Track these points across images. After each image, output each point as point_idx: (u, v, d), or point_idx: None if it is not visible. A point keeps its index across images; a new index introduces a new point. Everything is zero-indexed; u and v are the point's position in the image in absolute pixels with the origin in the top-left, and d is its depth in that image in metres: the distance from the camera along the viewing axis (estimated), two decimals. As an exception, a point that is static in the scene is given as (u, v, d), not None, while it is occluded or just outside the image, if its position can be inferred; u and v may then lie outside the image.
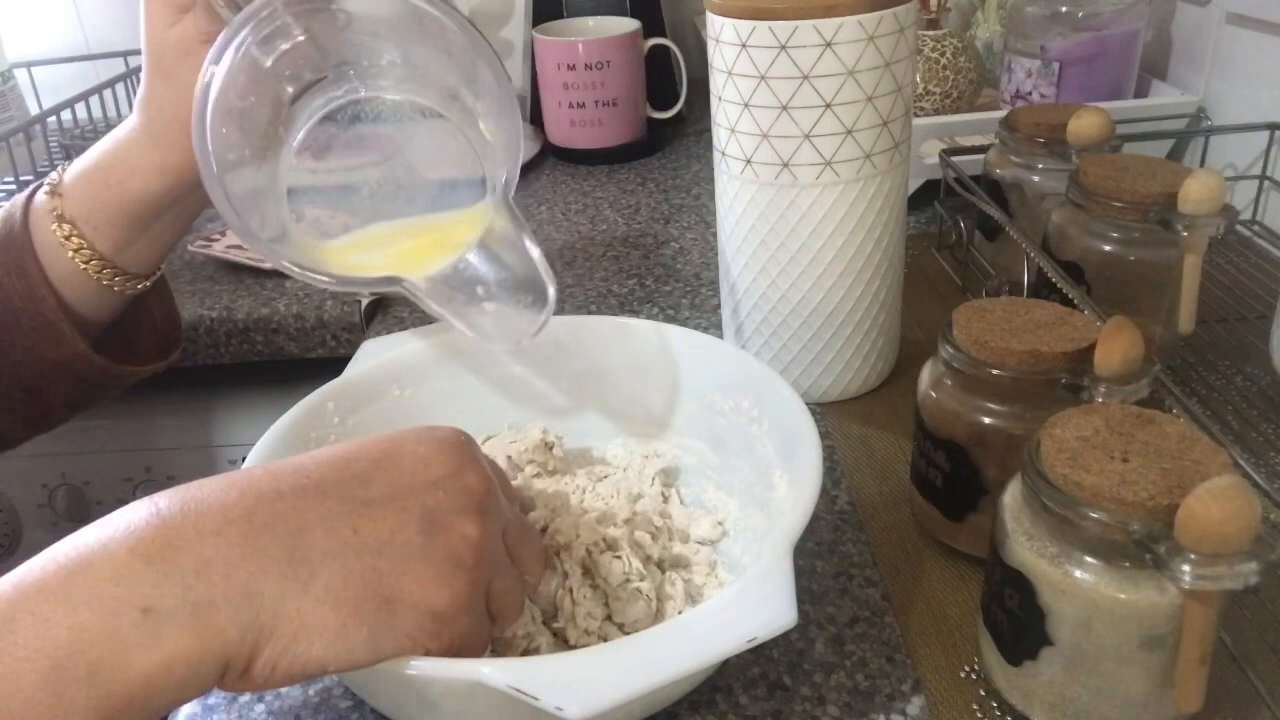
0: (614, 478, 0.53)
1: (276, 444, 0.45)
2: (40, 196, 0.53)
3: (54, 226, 0.52)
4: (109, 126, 0.96)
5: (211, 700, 0.45)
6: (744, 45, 0.54)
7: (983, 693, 0.43)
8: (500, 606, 0.37)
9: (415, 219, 0.47)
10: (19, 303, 0.52)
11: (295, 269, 0.43)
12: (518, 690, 0.31)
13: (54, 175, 0.54)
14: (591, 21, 1.09)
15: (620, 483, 0.52)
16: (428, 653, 0.33)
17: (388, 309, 0.80)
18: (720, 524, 0.50)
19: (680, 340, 0.54)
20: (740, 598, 0.35)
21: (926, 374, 0.49)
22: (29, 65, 1.23)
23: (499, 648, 0.41)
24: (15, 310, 0.52)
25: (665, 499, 0.52)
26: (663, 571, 0.47)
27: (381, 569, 0.32)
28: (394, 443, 0.36)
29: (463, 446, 0.37)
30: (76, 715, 0.27)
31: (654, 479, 0.52)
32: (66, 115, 1.04)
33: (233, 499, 0.32)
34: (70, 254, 0.52)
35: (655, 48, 1.06)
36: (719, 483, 0.52)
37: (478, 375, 0.54)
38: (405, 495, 0.34)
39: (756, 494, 0.48)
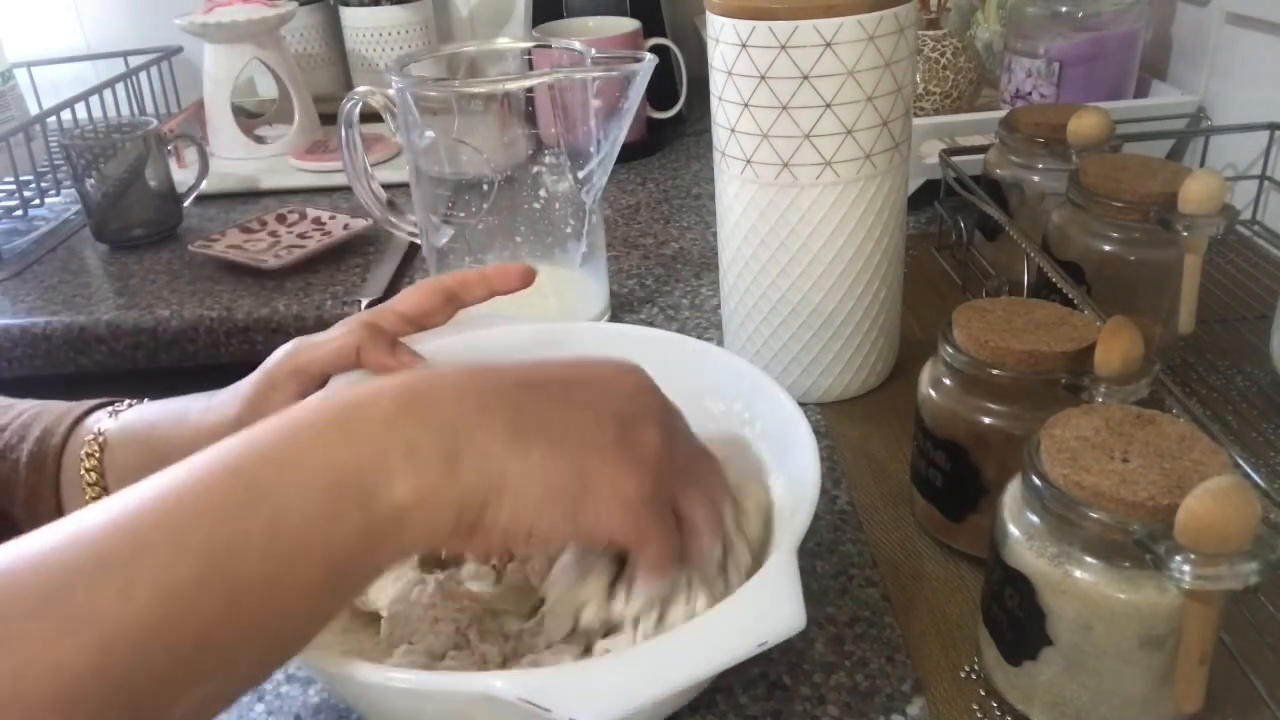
0: None
1: None
2: (84, 436, 0.52)
3: (85, 487, 0.51)
4: (109, 126, 0.97)
5: (211, 700, 0.45)
6: (744, 45, 0.54)
7: (983, 693, 0.43)
8: (691, 517, 0.39)
9: None
10: (25, 529, 0.51)
11: None
12: (529, 702, 0.31)
13: (104, 424, 0.52)
14: (591, 21, 1.09)
15: None
16: (620, 537, 0.36)
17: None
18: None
19: (671, 345, 0.53)
20: (748, 602, 0.35)
21: (926, 374, 0.49)
22: (29, 65, 1.23)
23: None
24: (15, 529, 0.51)
25: None
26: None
27: (583, 453, 0.36)
28: (585, 363, 0.41)
29: (643, 374, 0.41)
30: (349, 530, 0.31)
31: None
32: (66, 115, 1.04)
33: (465, 379, 0.36)
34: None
35: (655, 48, 1.06)
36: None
37: None
38: (600, 400, 0.38)
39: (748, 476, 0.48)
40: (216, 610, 0.28)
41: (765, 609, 0.35)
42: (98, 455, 0.51)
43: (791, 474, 0.43)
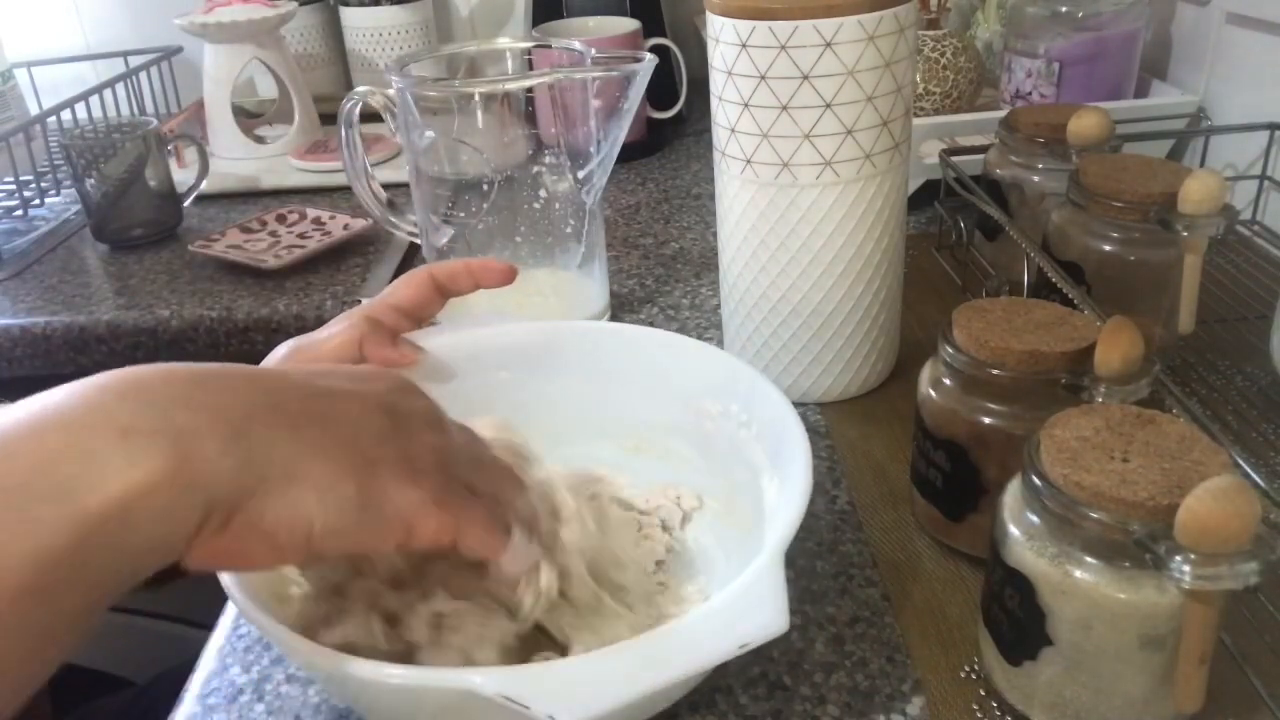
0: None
1: None
2: None
3: None
4: (109, 126, 0.97)
5: (211, 701, 0.45)
6: (744, 45, 0.54)
7: (983, 693, 0.43)
8: (485, 480, 0.37)
9: None
10: None
11: None
12: (508, 699, 0.31)
13: None
14: (591, 21, 1.09)
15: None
16: (413, 531, 0.33)
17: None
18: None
19: (668, 344, 0.53)
20: (732, 603, 0.35)
21: (926, 374, 0.49)
22: (29, 65, 1.23)
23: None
24: None
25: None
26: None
27: (360, 437, 0.32)
28: (334, 365, 0.38)
29: (403, 376, 0.38)
30: (46, 532, 0.26)
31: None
32: (66, 115, 1.04)
33: (198, 368, 0.31)
34: None
35: (655, 48, 1.06)
36: (706, 487, 0.52)
37: (465, 381, 0.54)
38: (363, 389, 0.35)
39: (741, 498, 0.48)
40: None
41: (748, 610, 0.34)
42: None
43: (784, 477, 0.43)
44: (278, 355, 0.50)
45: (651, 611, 0.45)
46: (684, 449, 0.53)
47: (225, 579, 0.38)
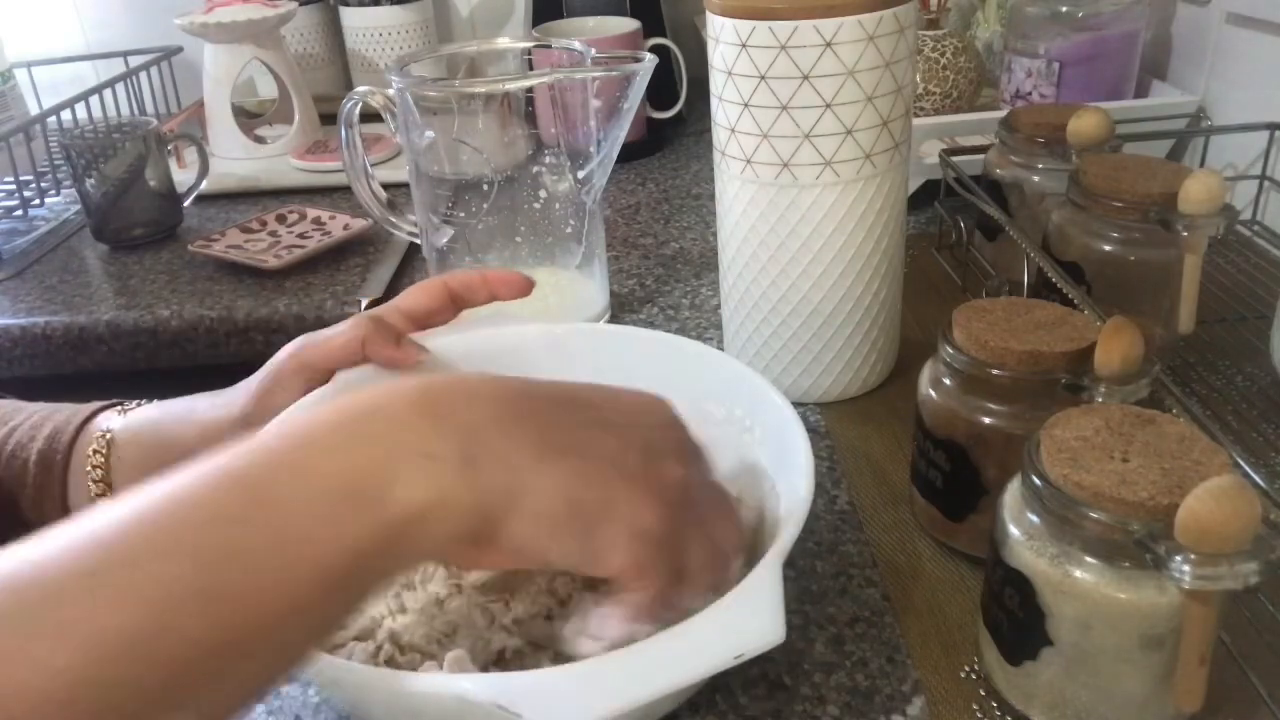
0: None
1: None
2: (93, 435, 0.52)
3: (91, 484, 0.51)
4: (109, 126, 0.97)
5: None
6: (744, 45, 0.54)
7: (983, 693, 0.43)
8: (691, 567, 0.37)
9: None
10: (34, 527, 0.51)
11: None
12: (500, 706, 0.31)
13: (111, 423, 0.53)
14: (591, 21, 1.09)
15: None
16: (623, 572, 0.35)
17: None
18: None
19: (671, 347, 0.53)
20: (729, 612, 0.35)
21: (926, 374, 0.49)
22: (29, 65, 1.23)
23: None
24: (24, 527, 0.51)
25: None
26: None
27: (607, 478, 0.35)
28: (615, 390, 0.39)
29: (672, 408, 0.40)
30: (358, 535, 0.30)
31: None
32: (66, 115, 1.04)
33: (486, 384, 0.35)
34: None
35: (655, 48, 1.06)
36: None
37: None
38: (629, 426, 0.37)
39: (745, 503, 0.47)
40: (214, 619, 0.27)
41: (744, 620, 0.34)
42: (104, 453, 0.51)
43: (787, 484, 0.43)
44: (282, 354, 0.51)
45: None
46: None
47: None
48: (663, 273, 0.82)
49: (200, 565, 0.27)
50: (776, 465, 0.45)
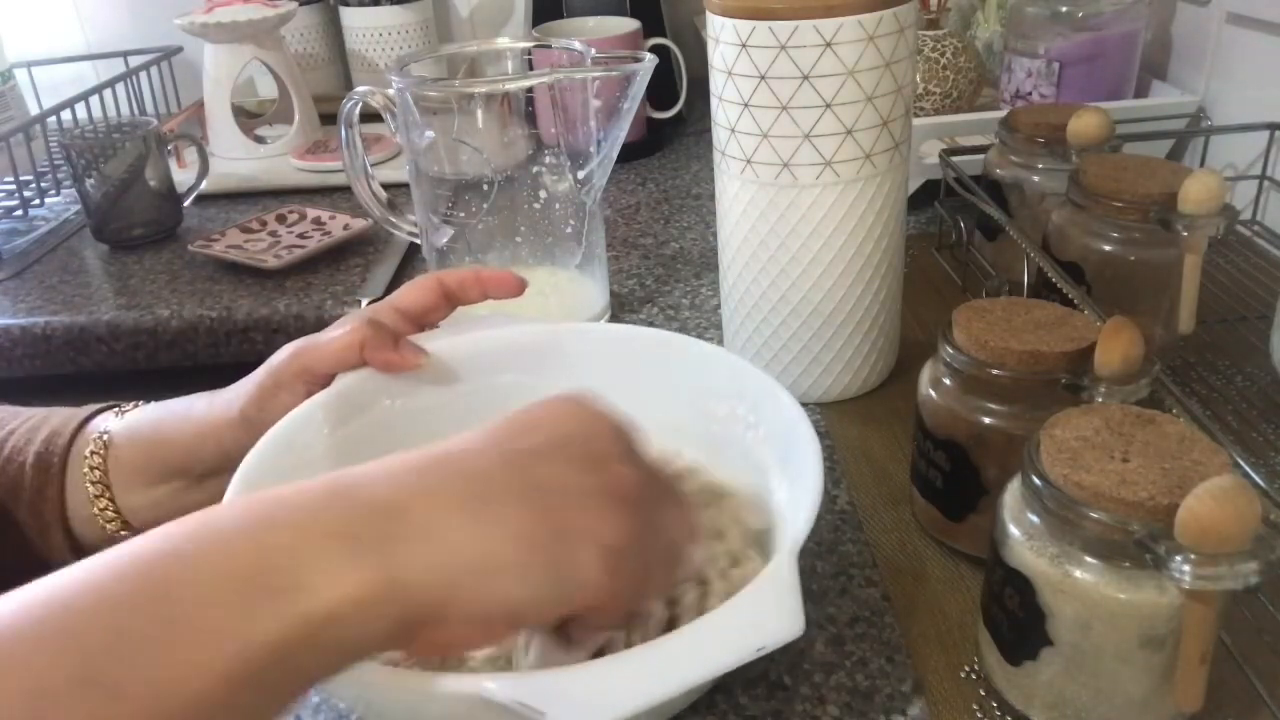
0: None
1: (264, 455, 0.45)
2: (90, 437, 0.52)
3: (88, 485, 0.51)
4: (109, 126, 0.97)
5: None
6: (744, 45, 0.54)
7: (983, 693, 0.43)
8: (657, 572, 0.37)
9: None
10: (30, 531, 0.51)
11: None
12: (523, 705, 0.31)
13: (109, 425, 0.52)
14: (591, 21, 1.09)
15: None
16: (599, 592, 0.33)
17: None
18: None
19: (675, 346, 0.53)
20: (747, 606, 0.35)
21: (926, 374, 0.49)
22: (29, 65, 1.23)
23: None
24: (19, 531, 0.51)
25: None
26: None
27: (554, 505, 0.33)
28: (538, 407, 0.37)
29: (592, 400, 0.38)
30: (263, 629, 0.27)
31: None
32: (66, 115, 1.04)
33: (396, 462, 0.32)
34: (95, 513, 0.51)
35: (655, 48, 1.06)
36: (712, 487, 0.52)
37: (469, 384, 0.53)
38: (564, 444, 0.35)
39: (752, 499, 0.48)
40: (95, 712, 0.25)
41: (764, 613, 0.34)
42: (102, 455, 0.51)
43: (795, 478, 0.43)
44: (283, 354, 0.50)
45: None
46: (691, 451, 0.52)
47: None
48: (663, 273, 0.83)
49: (77, 658, 0.25)
50: (783, 461, 0.45)
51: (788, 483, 0.44)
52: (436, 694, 0.34)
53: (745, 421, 0.49)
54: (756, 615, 0.34)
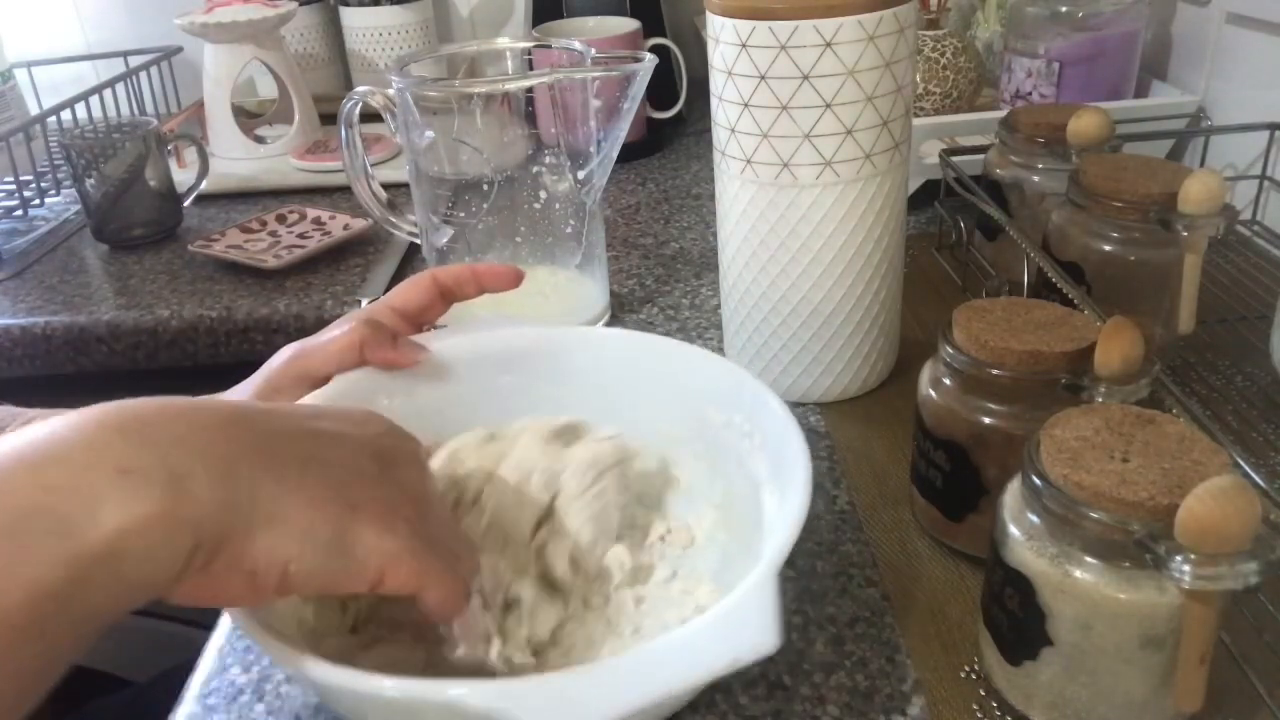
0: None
1: None
2: None
3: None
4: (109, 126, 0.97)
5: (211, 701, 0.45)
6: (744, 45, 0.54)
7: (983, 693, 0.43)
8: (455, 551, 0.37)
9: None
10: None
11: None
12: (497, 713, 0.31)
13: None
14: (591, 21, 1.09)
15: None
16: (384, 578, 0.33)
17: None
18: (689, 532, 0.50)
19: (673, 352, 0.53)
20: (723, 619, 0.35)
21: (926, 374, 0.49)
22: (29, 65, 1.23)
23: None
24: None
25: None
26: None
27: (346, 481, 0.33)
28: (325, 405, 0.38)
29: (385, 418, 0.39)
30: (43, 566, 0.26)
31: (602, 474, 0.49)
32: (66, 115, 1.04)
33: (198, 402, 0.32)
34: None
35: (655, 48, 1.06)
36: (703, 494, 0.51)
37: (466, 385, 0.53)
38: (354, 432, 0.36)
39: (741, 509, 0.47)
40: None
41: (739, 627, 0.34)
42: None
43: (784, 492, 0.43)
44: (281, 358, 0.50)
45: (648, 622, 0.45)
46: (686, 458, 0.52)
47: None
48: (663, 273, 0.83)
49: None
50: (775, 472, 0.45)
51: (779, 494, 0.44)
52: (411, 700, 0.34)
53: (740, 430, 0.49)
54: (733, 628, 0.34)
